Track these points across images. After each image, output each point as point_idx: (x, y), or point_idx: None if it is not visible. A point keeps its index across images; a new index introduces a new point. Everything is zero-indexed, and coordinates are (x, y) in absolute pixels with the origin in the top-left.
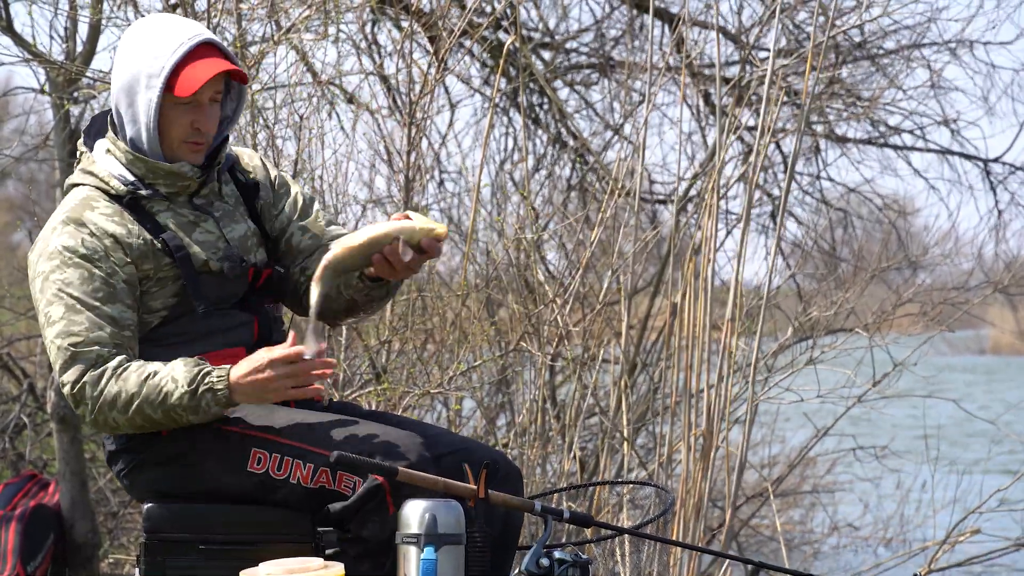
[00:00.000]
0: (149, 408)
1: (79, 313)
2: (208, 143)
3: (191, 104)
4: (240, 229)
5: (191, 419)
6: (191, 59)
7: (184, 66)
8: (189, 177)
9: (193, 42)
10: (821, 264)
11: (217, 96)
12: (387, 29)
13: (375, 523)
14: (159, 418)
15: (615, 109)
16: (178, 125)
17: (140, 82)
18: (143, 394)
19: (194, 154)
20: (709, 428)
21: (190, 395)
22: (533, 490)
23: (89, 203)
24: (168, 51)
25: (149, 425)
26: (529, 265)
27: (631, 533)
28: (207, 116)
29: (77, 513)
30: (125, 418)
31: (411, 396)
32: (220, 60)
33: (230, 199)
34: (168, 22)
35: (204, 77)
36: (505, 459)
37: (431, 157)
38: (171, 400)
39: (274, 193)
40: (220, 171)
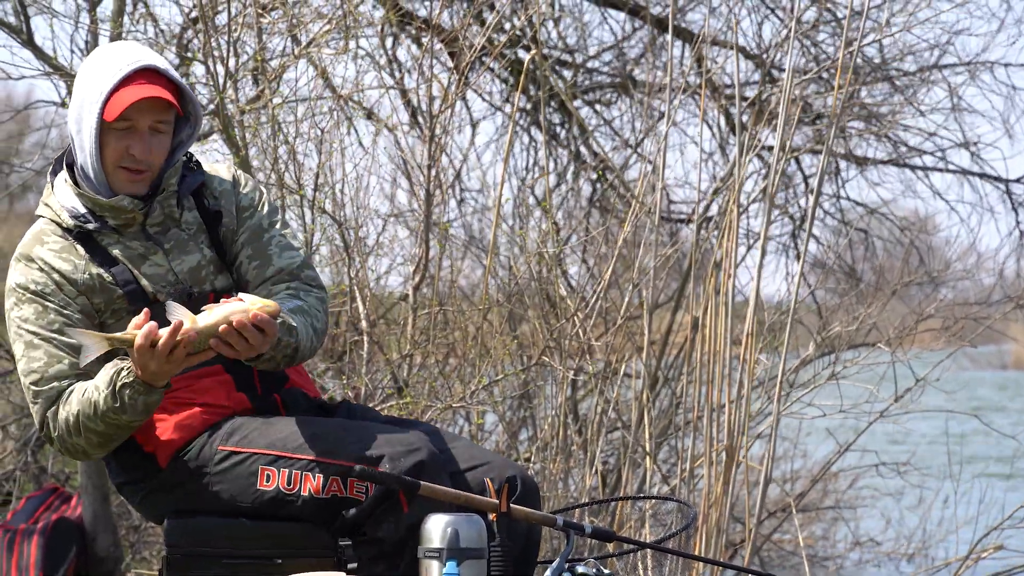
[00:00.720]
0: (90, 422)
1: (36, 348)
2: (151, 171)
3: (127, 130)
4: (192, 260)
5: (127, 419)
6: (125, 84)
7: (118, 91)
8: (130, 210)
9: (131, 67)
10: (843, 281)
11: (159, 125)
12: (407, 45)
13: (390, 523)
14: (103, 428)
15: (635, 127)
16: (112, 150)
17: (84, 109)
18: (81, 410)
19: (132, 183)
20: (731, 443)
21: (111, 395)
22: (555, 504)
23: (40, 238)
24: (107, 77)
25: (103, 440)
26: (551, 279)
27: (653, 548)
28: (143, 143)
29: (99, 527)
30: (82, 439)
31: (433, 410)
32: (154, 87)
33: (191, 226)
34: (116, 50)
35: (128, 101)
36: (524, 473)
37: (452, 173)
38: (100, 407)
39: (238, 219)
40: (182, 196)
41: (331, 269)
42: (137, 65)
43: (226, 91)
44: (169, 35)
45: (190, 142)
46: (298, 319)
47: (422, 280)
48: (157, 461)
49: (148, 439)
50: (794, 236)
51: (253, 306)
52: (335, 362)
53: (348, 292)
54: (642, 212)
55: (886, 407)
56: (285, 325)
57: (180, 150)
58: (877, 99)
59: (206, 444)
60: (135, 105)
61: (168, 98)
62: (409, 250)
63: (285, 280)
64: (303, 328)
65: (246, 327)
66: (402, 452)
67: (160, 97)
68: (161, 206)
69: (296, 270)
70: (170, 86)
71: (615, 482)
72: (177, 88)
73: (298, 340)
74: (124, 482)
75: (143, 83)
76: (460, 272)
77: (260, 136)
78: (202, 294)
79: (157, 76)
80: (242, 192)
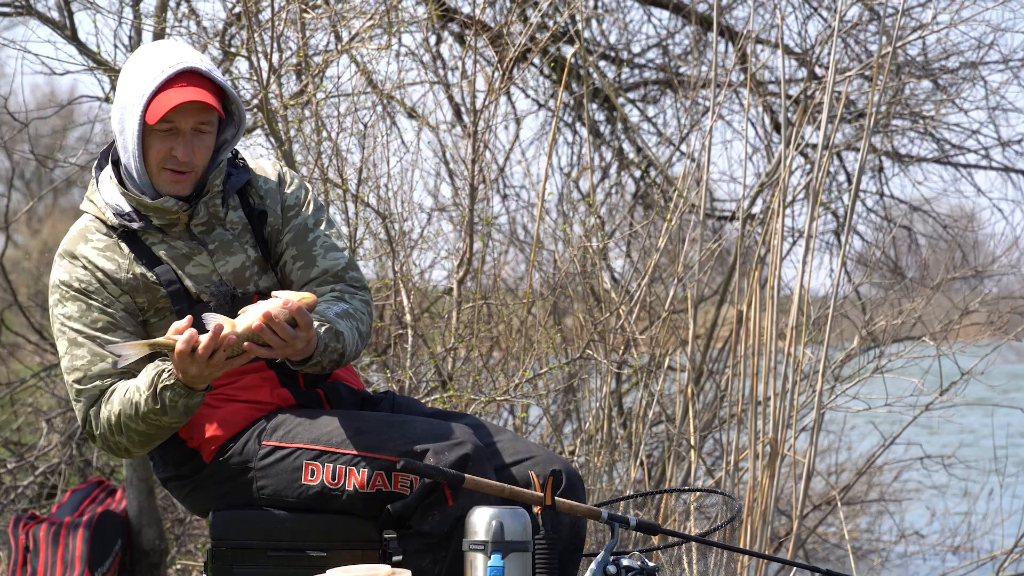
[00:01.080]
0: (131, 422)
1: (80, 346)
2: (195, 172)
3: (169, 132)
4: (237, 260)
5: (168, 420)
6: (168, 86)
7: (159, 93)
8: (175, 212)
9: (173, 70)
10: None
11: (202, 126)
12: (449, 43)
13: (435, 516)
14: (144, 428)
15: (680, 124)
16: (155, 151)
17: (127, 111)
18: (123, 411)
19: (175, 184)
20: (775, 436)
21: (152, 397)
22: (599, 498)
23: (84, 235)
24: (149, 79)
25: (145, 439)
26: (595, 273)
27: (698, 541)
28: (186, 145)
29: (144, 519)
30: (124, 438)
31: (477, 403)
32: (196, 89)
33: (235, 226)
34: (158, 51)
35: (168, 105)
36: (568, 466)
37: (495, 169)
38: (142, 408)
39: (283, 218)
40: (227, 195)
41: (375, 263)
42: (179, 67)
43: (269, 86)
44: (212, 31)
45: (235, 141)
46: (344, 324)
47: (466, 274)
48: (201, 457)
49: (192, 435)
50: (837, 233)
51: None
52: (379, 355)
53: (392, 286)
54: (686, 208)
55: (931, 400)
56: (332, 331)
57: (225, 150)
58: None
59: (250, 440)
60: (177, 108)
61: (209, 102)
62: (453, 244)
63: (330, 282)
64: (349, 333)
65: (276, 321)
66: (447, 446)
67: (198, 100)
68: (206, 206)
69: (341, 272)
70: (213, 87)
71: (659, 475)
72: (220, 89)
73: (344, 345)
74: (169, 477)
75: (185, 86)
76: (504, 266)
77: (303, 131)
78: (246, 295)
79: (199, 78)
80: (287, 191)
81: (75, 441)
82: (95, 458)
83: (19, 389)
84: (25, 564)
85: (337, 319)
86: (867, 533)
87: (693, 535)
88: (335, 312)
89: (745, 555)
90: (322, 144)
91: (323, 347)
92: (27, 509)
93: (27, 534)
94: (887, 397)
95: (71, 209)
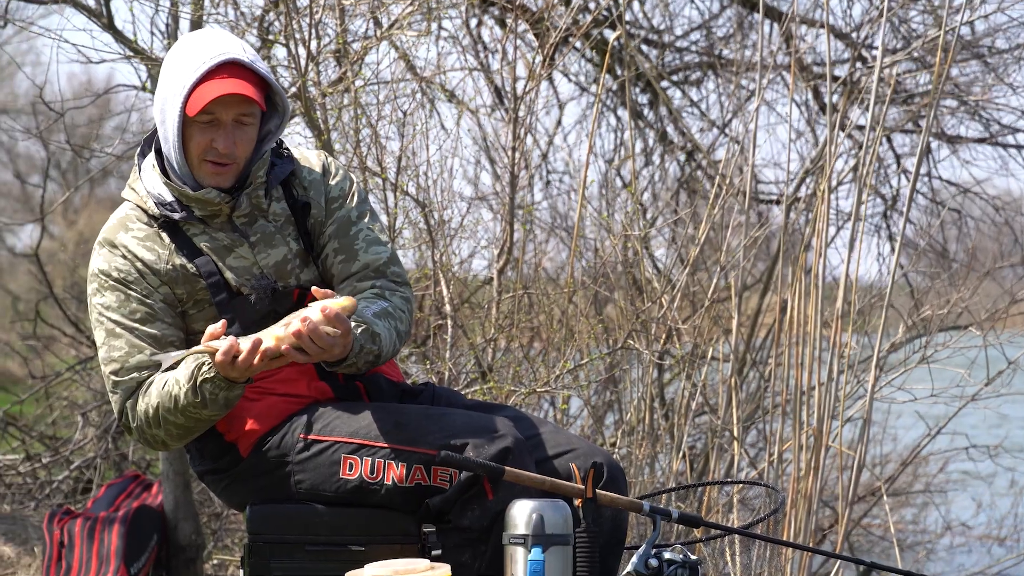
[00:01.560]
0: (170, 415)
1: (118, 337)
2: (236, 164)
3: (210, 123)
4: (278, 253)
5: (208, 413)
6: (209, 78)
7: (200, 85)
8: (216, 203)
9: (214, 61)
10: (934, 262)
11: (243, 118)
12: (490, 27)
13: (474, 511)
14: (183, 421)
15: (723, 107)
16: (195, 143)
17: (168, 101)
18: (161, 403)
19: (216, 175)
20: (820, 427)
21: (192, 391)
22: (641, 490)
23: (125, 223)
24: (190, 70)
25: (183, 432)
26: (637, 262)
27: (741, 533)
28: (227, 137)
29: (181, 514)
30: (162, 431)
31: (517, 395)
32: (237, 81)
33: (278, 218)
34: (201, 41)
35: (209, 97)
36: (610, 458)
37: (537, 154)
38: (181, 401)
39: (326, 210)
40: (270, 186)
41: (414, 252)
42: (221, 58)
43: (308, 74)
44: (250, 17)
45: (279, 132)
46: (382, 324)
47: (506, 263)
48: (239, 450)
49: (229, 428)
50: (885, 216)
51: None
52: (419, 347)
53: (432, 276)
54: (730, 193)
55: (977, 391)
56: (368, 332)
57: (268, 141)
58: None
59: (288, 433)
60: (217, 100)
61: (250, 94)
62: (493, 233)
63: (371, 277)
64: (387, 333)
65: (316, 330)
66: (487, 439)
67: (238, 92)
68: (248, 198)
69: (382, 267)
70: (255, 79)
71: (702, 467)
72: (264, 80)
73: (380, 347)
74: (205, 471)
75: (226, 77)
76: (545, 255)
77: (342, 119)
78: (287, 289)
79: (242, 69)
80: (332, 182)
81: (111, 435)
82: (131, 452)
83: (54, 382)
84: (60, 560)
85: (375, 319)
86: (912, 525)
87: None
88: (373, 312)
89: (789, 547)
90: (361, 132)
91: (358, 348)
92: (62, 504)
93: (62, 529)
94: (933, 387)
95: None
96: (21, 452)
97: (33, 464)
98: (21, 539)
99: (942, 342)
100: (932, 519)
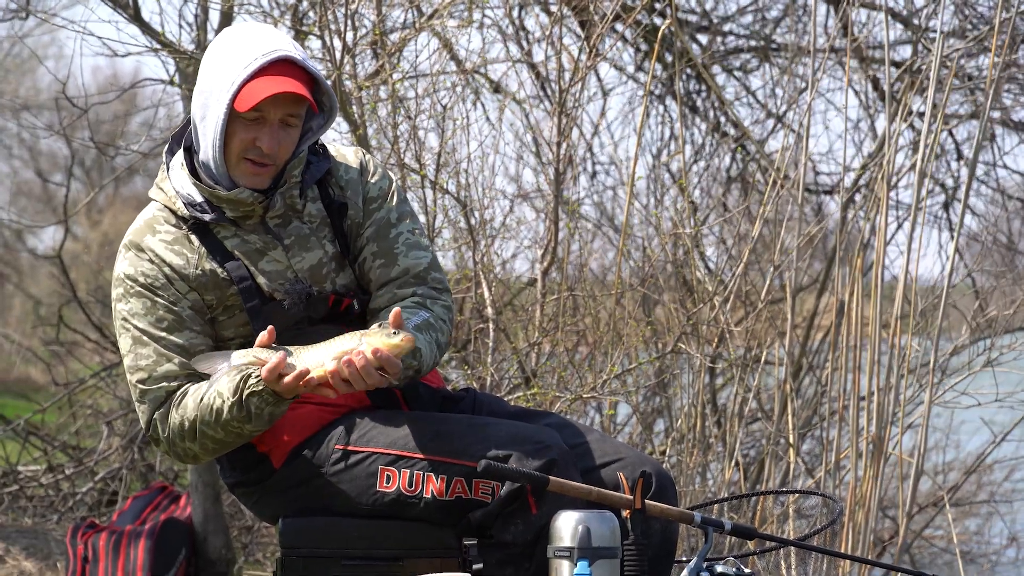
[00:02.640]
0: (209, 429)
1: (145, 346)
2: (275, 166)
3: (256, 121)
4: (314, 256)
5: (250, 428)
6: (260, 74)
7: (251, 81)
8: (249, 204)
9: (267, 58)
10: (999, 259)
11: (290, 119)
12: (535, 14)
13: (518, 526)
14: (222, 436)
15: (777, 95)
16: (238, 140)
17: (212, 96)
18: (199, 417)
19: (254, 176)
20: (879, 433)
21: (237, 405)
22: (692, 500)
23: (152, 226)
24: (240, 66)
25: (219, 447)
26: (687, 261)
27: (797, 545)
28: (272, 137)
29: (210, 527)
30: (196, 444)
31: (562, 401)
32: (290, 80)
33: (313, 219)
34: (250, 35)
35: (262, 94)
36: (659, 467)
37: (583, 148)
38: (224, 415)
39: (364, 211)
40: (305, 186)
41: (454, 253)
42: (274, 56)
43: (343, 66)
44: (284, 7)
45: (320, 132)
46: (423, 338)
47: (551, 263)
48: (271, 462)
49: (262, 439)
50: (946, 207)
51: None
52: (459, 351)
53: (473, 277)
54: (785, 188)
55: None
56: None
57: (307, 140)
58: None
59: (323, 444)
60: (269, 98)
61: (304, 94)
62: (537, 232)
63: (411, 284)
64: (427, 348)
65: (368, 370)
66: (531, 451)
67: (292, 92)
68: (283, 197)
69: (423, 272)
70: (306, 78)
71: (756, 476)
72: (314, 79)
73: (421, 362)
74: (236, 482)
75: (278, 75)
76: (591, 254)
77: (379, 113)
78: (322, 294)
79: (294, 68)
80: (370, 180)
81: (137, 444)
82: (158, 463)
83: (78, 390)
84: (84, 575)
85: (416, 333)
86: (976, 536)
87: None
88: (414, 324)
89: (847, 560)
90: (399, 127)
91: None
92: (86, 517)
93: (86, 543)
94: (997, 392)
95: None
96: (43, 463)
97: (56, 475)
98: (43, 554)
99: (1008, 344)
100: (997, 530)
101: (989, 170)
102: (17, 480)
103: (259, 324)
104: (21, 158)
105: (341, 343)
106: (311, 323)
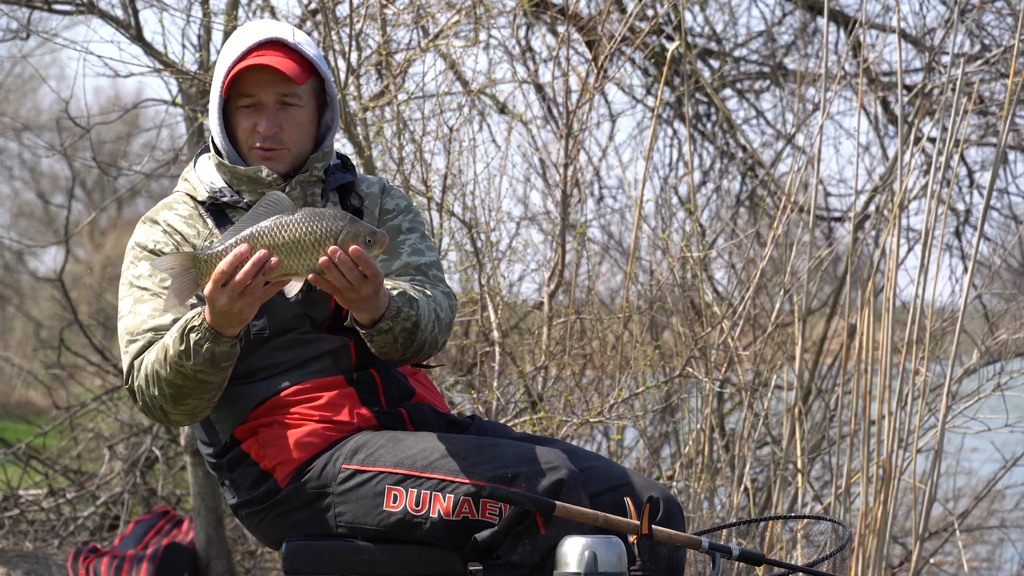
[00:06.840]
0: (160, 369)
1: (145, 303)
2: (287, 150)
3: (253, 107)
4: None
5: (191, 366)
6: (246, 58)
7: (238, 65)
8: (267, 183)
9: (255, 40)
10: (1010, 283)
11: (286, 99)
12: (542, 35)
13: (525, 546)
14: (172, 377)
15: (787, 119)
16: (241, 130)
17: (213, 89)
18: (156, 358)
19: (266, 161)
20: (889, 458)
21: (179, 338)
22: (700, 525)
23: (171, 204)
24: (234, 54)
25: (175, 393)
26: (695, 285)
27: (805, 571)
28: (269, 119)
29: (213, 552)
30: (156, 390)
31: (569, 425)
32: (272, 55)
33: None
34: (250, 27)
35: (241, 72)
36: (666, 492)
37: (590, 171)
38: (169, 352)
39: (378, 220)
40: (328, 187)
41: (460, 276)
42: (262, 37)
43: (348, 87)
44: None
45: (334, 125)
46: (419, 295)
47: (558, 286)
48: (276, 481)
49: (264, 455)
50: (957, 233)
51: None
52: (464, 375)
53: (479, 300)
54: (794, 211)
55: None
56: (405, 295)
57: (328, 136)
58: None
59: (328, 462)
60: (254, 79)
61: (283, 69)
62: (544, 254)
63: (411, 273)
64: (424, 303)
65: (344, 261)
66: (539, 470)
67: (271, 66)
68: (302, 187)
69: (423, 266)
70: (303, 62)
71: (764, 501)
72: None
73: (418, 314)
74: (240, 503)
75: (263, 54)
76: (598, 278)
77: (384, 135)
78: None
79: (284, 49)
80: (389, 198)
81: (139, 469)
82: (160, 487)
83: (79, 413)
84: None
85: (411, 289)
86: (987, 562)
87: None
88: (410, 286)
89: None
90: (404, 149)
91: (395, 310)
92: (87, 541)
93: (87, 568)
94: (1007, 417)
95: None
96: (44, 487)
97: (57, 499)
98: None
99: (1018, 368)
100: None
101: (1000, 195)
102: (18, 504)
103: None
104: (22, 179)
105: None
106: (313, 325)
